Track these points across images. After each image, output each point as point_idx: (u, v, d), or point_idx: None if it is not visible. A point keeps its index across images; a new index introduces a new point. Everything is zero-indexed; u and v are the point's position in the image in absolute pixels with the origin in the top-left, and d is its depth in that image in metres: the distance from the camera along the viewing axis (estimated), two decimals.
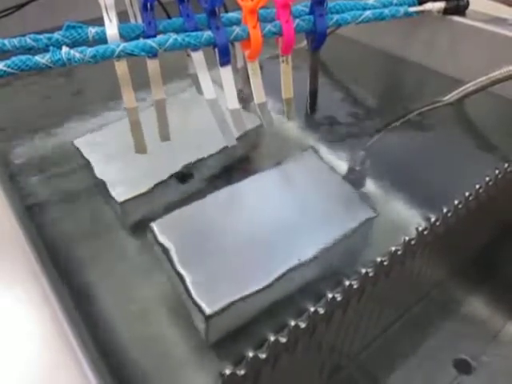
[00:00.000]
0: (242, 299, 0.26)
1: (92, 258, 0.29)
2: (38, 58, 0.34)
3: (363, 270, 0.26)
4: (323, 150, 0.37)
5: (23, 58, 0.34)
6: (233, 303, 0.25)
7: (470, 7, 0.47)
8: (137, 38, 0.39)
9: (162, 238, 0.29)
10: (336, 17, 0.42)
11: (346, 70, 0.51)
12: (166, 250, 0.28)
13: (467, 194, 0.32)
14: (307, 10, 0.42)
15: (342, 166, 0.36)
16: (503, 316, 0.46)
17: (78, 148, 0.38)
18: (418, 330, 0.44)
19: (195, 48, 0.40)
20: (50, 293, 0.20)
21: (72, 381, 0.17)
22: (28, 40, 0.36)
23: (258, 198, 0.33)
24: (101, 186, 0.34)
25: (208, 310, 0.25)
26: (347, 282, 0.25)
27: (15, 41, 0.36)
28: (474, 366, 0.43)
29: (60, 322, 0.19)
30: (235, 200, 0.33)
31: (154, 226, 0.30)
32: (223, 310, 0.25)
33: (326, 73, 0.51)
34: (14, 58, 0.34)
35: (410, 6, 0.46)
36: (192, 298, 0.25)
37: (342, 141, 0.39)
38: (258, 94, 0.42)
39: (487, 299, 0.47)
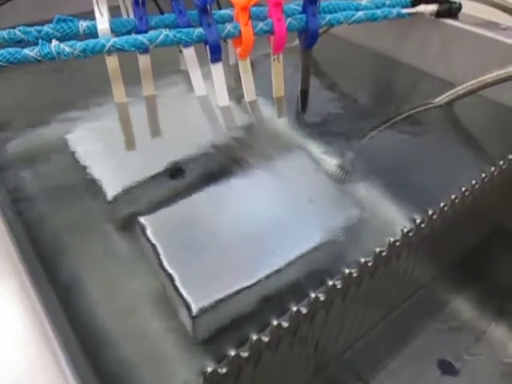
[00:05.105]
0: (229, 297, 0.26)
1: (79, 253, 0.29)
2: (26, 50, 0.34)
3: (347, 271, 0.26)
4: (313, 149, 0.37)
5: (12, 50, 0.34)
6: (219, 301, 0.25)
7: (463, 11, 0.47)
8: (128, 33, 0.39)
9: (150, 234, 0.29)
10: (328, 16, 0.42)
11: (338, 69, 0.51)
12: (154, 246, 0.28)
13: (453, 196, 0.32)
14: (300, 8, 0.42)
15: (331, 165, 0.36)
16: (488, 317, 0.47)
17: (68, 143, 0.38)
18: (403, 330, 0.44)
19: (187, 44, 0.40)
20: (30, 289, 0.20)
21: (50, 379, 0.17)
22: (17, 32, 0.36)
23: (247, 195, 0.33)
24: (90, 182, 0.34)
25: (195, 307, 0.25)
26: (330, 282, 0.25)
27: (4, 33, 0.36)
28: (458, 367, 0.43)
29: (40, 318, 0.19)
30: (224, 198, 0.33)
31: (143, 221, 0.30)
32: (210, 307, 0.25)
33: (318, 72, 0.51)
34: (2, 51, 0.34)
35: (402, 7, 0.46)
36: (179, 295, 0.25)
37: (331, 140, 0.39)
38: (249, 91, 0.42)
39: (473, 300, 0.48)
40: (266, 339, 0.23)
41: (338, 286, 0.25)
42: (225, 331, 0.24)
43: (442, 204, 0.31)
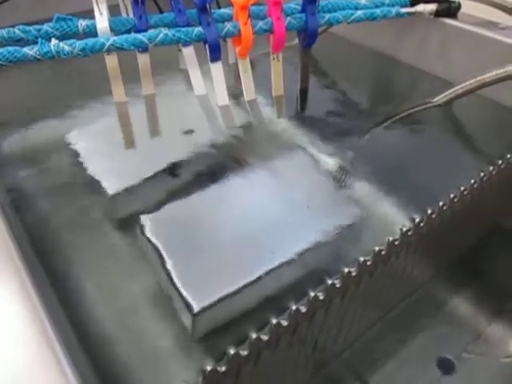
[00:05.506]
0: (229, 296, 0.26)
1: (79, 252, 0.29)
2: (26, 49, 0.34)
3: (346, 270, 0.26)
4: (312, 148, 0.38)
5: (11, 49, 0.34)
6: (219, 299, 0.25)
7: (462, 10, 0.47)
8: (127, 32, 0.39)
9: (150, 233, 0.29)
10: (327, 16, 0.42)
11: (338, 68, 0.51)
12: (154, 245, 0.28)
13: (452, 195, 0.32)
14: (299, 7, 0.42)
15: (331, 164, 0.36)
16: (487, 316, 0.47)
17: (68, 141, 0.38)
18: (402, 329, 0.44)
19: (186, 43, 0.40)
20: (30, 288, 0.20)
21: (50, 378, 0.17)
22: (17, 31, 0.36)
23: (247, 194, 0.33)
24: (89, 180, 0.34)
25: (195, 306, 0.25)
26: (330, 281, 0.25)
27: (4, 32, 0.36)
28: (457, 366, 0.43)
29: (40, 317, 0.19)
30: (224, 196, 0.33)
31: (143, 220, 0.30)
32: (210, 305, 0.25)
33: (317, 71, 0.51)
34: (1, 50, 0.34)
35: (401, 6, 0.46)
36: (179, 294, 0.25)
37: (330, 139, 0.39)
38: (248, 90, 0.42)
39: (471, 299, 0.48)
40: (265, 338, 0.23)
41: (337, 285, 0.25)
42: (224, 330, 0.24)
43: (440, 203, 0.31)
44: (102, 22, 0.37)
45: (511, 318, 0.46)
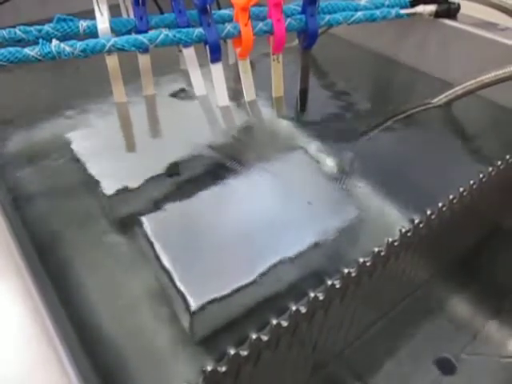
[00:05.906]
0: (228, 295, 0.26)
1: (78, 252, 0.29)
2: (27, 50, 0.34)
3: (345, 270, 0.26)
4: (312, 149, 0.38)
5: (12, 49, 0.34)
6: (218, 298, 0.26)
7: (461, 11, 0.47)
8: (128, 32, 0.39)
9: (149, 233, 0.29)
10: (327, 17, 0.42)
11: (338, 69, 0.52)
12: (153, 245, 0.28)
13: (451, 196, 0.32)
14: (299, 9, 0.42)
15: (330, 165, 0.36)
16: (486, 316, 0.47)
17: (68, 141, 0.38)
18: (402, 328, 0.44)
19: (186, 44, 0.40)
20: (32, 287, 0.20)
21: (51, 377, 0.17)
22: (18, 32, 0.36)
23: (246, 195, 0.33)
24: (90, 180, 0.34)
25: (194, 304, 0.25)
26: (329, 282, 0.25)
27: (4, 32, 0.36)
28: (456, 365, 0.43)
29: (41, 316, 0.19)
30: (223, 197, 0.33)
31: (143, 220, 0.30)
32: (208, 304, 0.25)
33: (317, 72, 0.51)
34: (2, 50, 0.34)
35: (401, 7, 0.46)
36: (178, 292, 0.25)
37: (330, 140, 0.39)
38: (248, 91, 0.42)
39: (470, 299, 0.48)
40: (265, 338, 0.23)
41: (337, 286, 0.26)
42: (224, 330, 0.24)
43: (440, 204, 0.31)
44: (102, 22, 0.37)
45: (510, 318, 0.47)
